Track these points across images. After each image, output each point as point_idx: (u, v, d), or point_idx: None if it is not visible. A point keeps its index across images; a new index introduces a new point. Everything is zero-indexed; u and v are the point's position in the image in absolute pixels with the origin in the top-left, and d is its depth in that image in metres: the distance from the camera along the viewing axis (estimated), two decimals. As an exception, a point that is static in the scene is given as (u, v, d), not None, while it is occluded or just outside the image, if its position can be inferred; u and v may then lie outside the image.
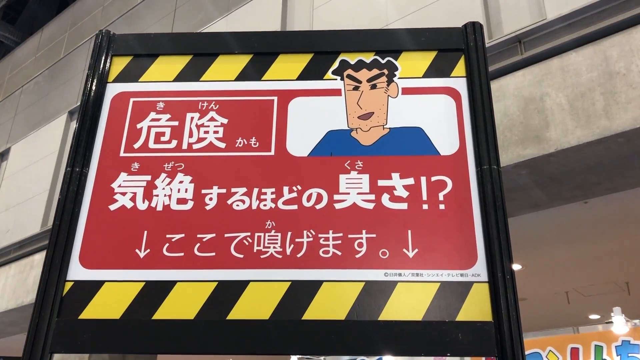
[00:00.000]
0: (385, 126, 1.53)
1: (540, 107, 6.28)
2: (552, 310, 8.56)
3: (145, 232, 1.43)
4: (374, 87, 1.58)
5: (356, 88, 1.58)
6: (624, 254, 7.49)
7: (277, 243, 1.41)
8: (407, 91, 1.57)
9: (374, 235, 1.40)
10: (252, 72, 1.62)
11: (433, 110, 1.53)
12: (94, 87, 1.59)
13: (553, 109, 6.26)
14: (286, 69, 1.62)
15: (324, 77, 1.61)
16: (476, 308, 1.30)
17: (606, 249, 7.64)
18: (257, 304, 1.34)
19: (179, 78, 1.63)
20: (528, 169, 6.23)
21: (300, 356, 6.33)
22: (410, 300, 1.32)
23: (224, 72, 1.63)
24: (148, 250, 1.41)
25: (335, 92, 1.58)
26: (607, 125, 5.85)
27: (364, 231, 1.41)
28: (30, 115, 11.95)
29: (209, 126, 1.56)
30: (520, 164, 5.90)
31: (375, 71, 1.60)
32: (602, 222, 7.13)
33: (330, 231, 1.41)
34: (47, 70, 11.37)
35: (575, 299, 8.82)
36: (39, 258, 7.60)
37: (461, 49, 1.60)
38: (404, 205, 1.43)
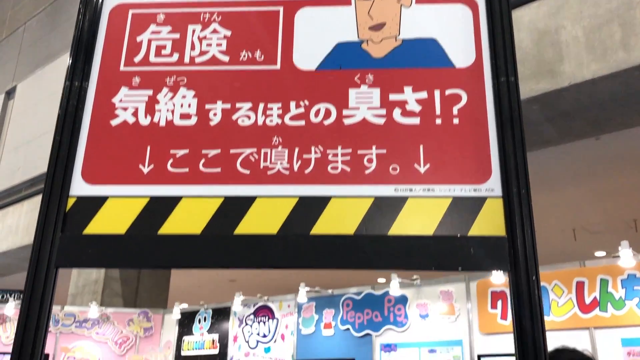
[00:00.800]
0: (397, 37, 1.45)
1: (555, 40, 6.08)
2: (557, 247, 8.62)
3: (149, 147, 1.39)
4: (386, -5, 1.48)
5: (367, -3, 1.49)
6: (634, 191, 7.45)
7: (284, 159, 1.36)
8: (421, 0, 1.48)
9: (384, 151, 1.35)
10: (257, -19, 1.53)
11: (448, 21, 1.45)
12: (91, -2, 1.52)
13: (568, 42, 6.06)
14: (292, -23, 1.52)
15: (333, -14, 1.51)
16: (489, 223, 1.26)
17: (616, 186, 7.60)
18: (264, 220, 1.31)
19: (180, -12, 1.55)
20: (540, 104, 6.11)
21: (309, 289, 6.44)
22: (421, 215, 1.29)
23: (227, -19, 1.53)
24: (152, 165, 1.37)
25: (345, 2, 1.49)
26: (624, 58, 5.67)
27: (374, 147, 1.36)
28: (34, 53, 11.78)
29: (211, 39, 1.49)
30: (532, 99, 5.77)
31: (388, -21, 1.50)
32: (613, 159, 7.05)
33: (339, 147, 1.37)
34: (50, 7, 11.11)
35: (582, 236, 8.87)
36: (49, 194, 7.63)
37: (479, -46, 1.49)
38: (416, 120, 1.37)
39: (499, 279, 5.27)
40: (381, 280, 6.46)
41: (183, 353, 7.42)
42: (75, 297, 8.64)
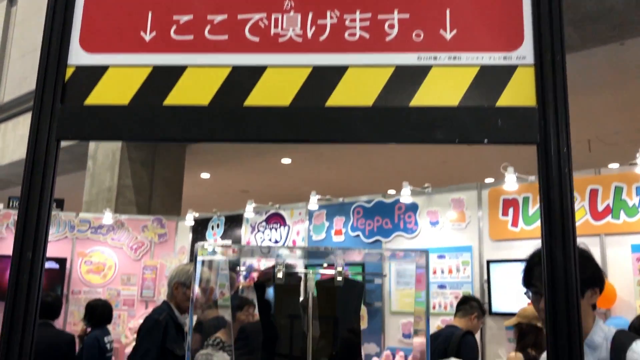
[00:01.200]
0: None
1: None
2: (571, 159, 8.50)
3: (150, 12, 1.28)
4: None
5: None
6: (656, 99, 7.22)
7: (296, 25, 1.25)
8: None
9: (407, 16, 1.24)
10: None
11: None
12: None
13: (599, -63, 5.63)
14: None
15: None
16: (519, 93, 1.17)
17: (637, 95, 7.36)
18: (276, 91, 1.22)
19: None
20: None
21: (320, 197, 6.46)
22: (445, 85, 1.19)
23: None
24: (154, 32, 1.27)
25: None
26: (658, -47, 5.27)
27: (395, 11, 1.24)
28: (33, -45, 11.27)
29: None
30: None
31: None
32: (637, 66, 6.78)
33: (357, 11, 1.25)
34: None
35: (597, 147, 8.74)
36: (57, 101, 7.56)
37: None
38: (442, -19, 1.24)
39: (511, 185, 5.23)
40: (391, 191, 6.45)
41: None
42: (89, 204, 8.78)
